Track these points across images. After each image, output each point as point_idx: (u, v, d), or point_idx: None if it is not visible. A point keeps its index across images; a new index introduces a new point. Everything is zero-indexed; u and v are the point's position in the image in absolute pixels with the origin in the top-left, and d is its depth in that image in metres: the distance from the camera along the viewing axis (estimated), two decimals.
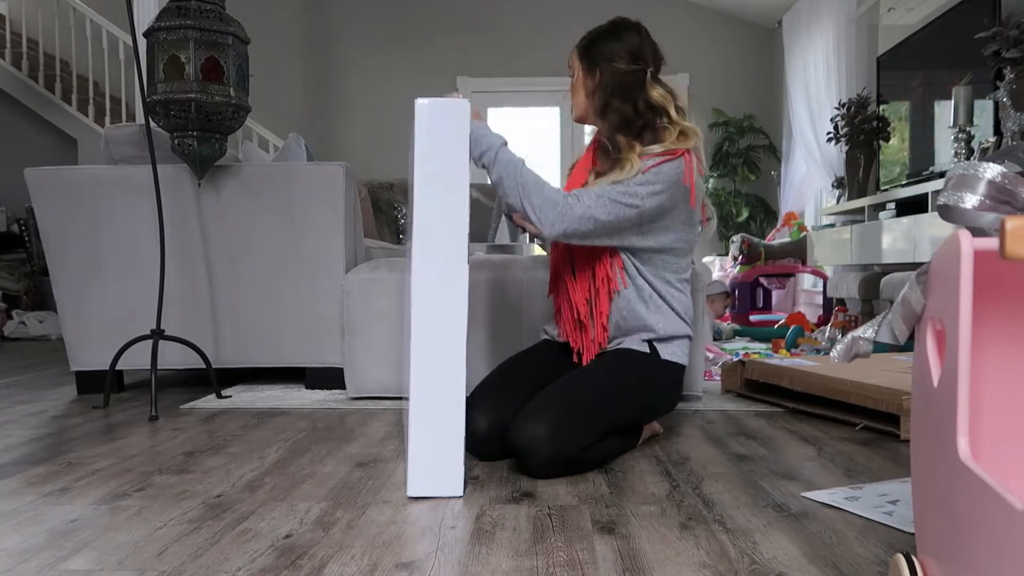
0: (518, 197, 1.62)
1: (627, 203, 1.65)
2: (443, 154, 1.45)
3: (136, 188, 2.54)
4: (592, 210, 1.63)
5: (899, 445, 1.83)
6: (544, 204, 1.61)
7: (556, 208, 1.61)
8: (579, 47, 1.82)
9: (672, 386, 1.81)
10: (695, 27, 6.52)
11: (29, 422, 2.15)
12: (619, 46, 1.76)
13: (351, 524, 1.29)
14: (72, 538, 1.22)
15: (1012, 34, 2.98)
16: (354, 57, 6.77)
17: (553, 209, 1.61)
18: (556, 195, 1.63)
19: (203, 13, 2.33)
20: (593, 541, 1.20)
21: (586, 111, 1.82)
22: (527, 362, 1.86)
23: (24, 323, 4.75)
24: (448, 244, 1.45)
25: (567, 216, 1.62)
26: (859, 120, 4.48)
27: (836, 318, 3.96)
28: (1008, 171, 0.84)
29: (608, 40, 1.77)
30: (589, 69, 1.78)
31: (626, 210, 1.65)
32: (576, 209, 1.62)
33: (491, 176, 1.64)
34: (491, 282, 2.38)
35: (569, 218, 1.62)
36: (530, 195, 1.61)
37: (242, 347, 2.62)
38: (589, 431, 1.58)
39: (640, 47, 1.76)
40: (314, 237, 2.57)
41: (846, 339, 1.05)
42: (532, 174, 1.64)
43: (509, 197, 1.64)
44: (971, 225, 0.84)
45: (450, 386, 1.45)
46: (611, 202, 1.64)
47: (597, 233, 1.67)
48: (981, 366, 0.90)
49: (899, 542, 1.20)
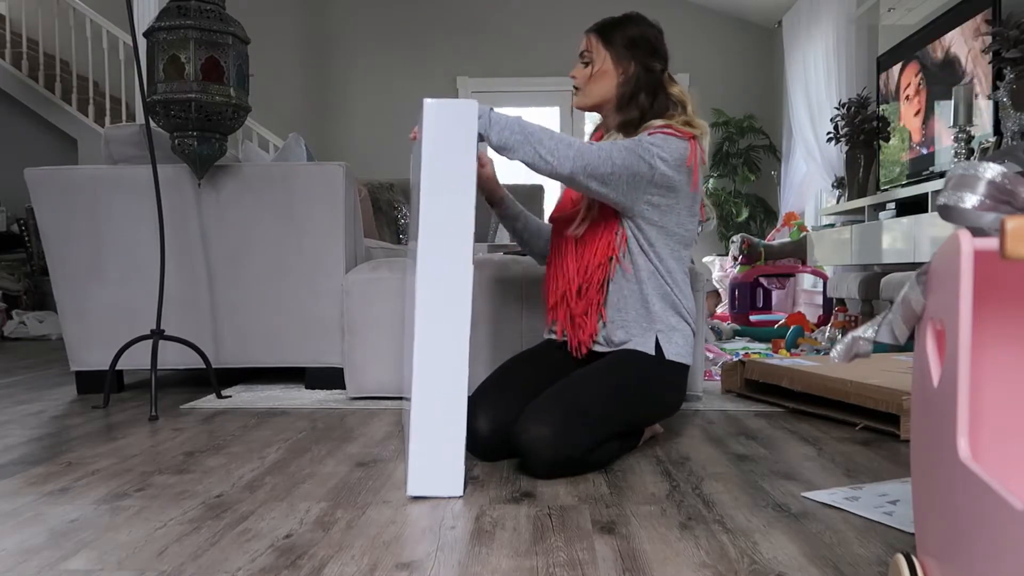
0: (528, 147, 1.57)
1: (641, 155, 1.63)
2: (450, 154, 1.45)
3: (136, 188, 2.54)
4: (609, 151, 1.61)
5: (899, 445, 1.83)
6: (558, 144, 1.58)
7: (571, 147, 1.59)
8: (600, 33, 1.78)
9: (676, 388, 1.79)
10: (695, 27, 6.52)
11: (29, 422, 2.16)
12: (644, 37, 1.77)
13: (351, 524, 1.29)
14: (72, 538, 1.22)
15: (1012, 34, 2.98)
16: (354, 57, 6.77)
17: (568, 147, 1.59)
18: (567, 136, 1.62)
19: (203, 13, 2.33)
20: (593, 541, 1.20)
21: (603, 100, 1.79)
22: (530, 362, 1.84)
23: (24, 323, 4.75)
24: (453, 244, 1.45)
25: (585, 153, 1.59)
26: (859, 120, 4.48)
27: (836, 318, 3.97)
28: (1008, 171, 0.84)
29: (638, 31, 1.77)
30: (620, 59, 1.76)
31: (640, 162, 1.63)
32: (592, 149, 1.60)
33: (490, 140, 1.57)
34: (491, 282, 2.38)
35: (587, 155, 1.59)
36: (540, 140, 1.57)
37: (242, 347, 2.62)
38: (593, 434, 1.57)
39: (661, 41, 1.80)
40: (314, 237, 2.57)
41: (846, 339, 1.05)
42: (534, 124, 1.60)
43: (516, 152, 1.58)
44: (971, 225, 0.84)
45: (452, 386, 1.44)
46: (625, 150, 1.63)
47: (616, 177, 1.62)
48: (981, 366, 0.90)
49: (899, 542, 1.20)
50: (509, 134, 1.57)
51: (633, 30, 1.78)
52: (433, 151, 1.45)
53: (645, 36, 1.78)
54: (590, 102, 1.81)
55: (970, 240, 0.78)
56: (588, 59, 1.80)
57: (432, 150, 1.45)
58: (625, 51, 1.76)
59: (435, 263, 1.45)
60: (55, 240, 2.58)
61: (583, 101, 1.82)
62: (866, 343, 1.01)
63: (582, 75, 1.80)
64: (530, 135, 1.58)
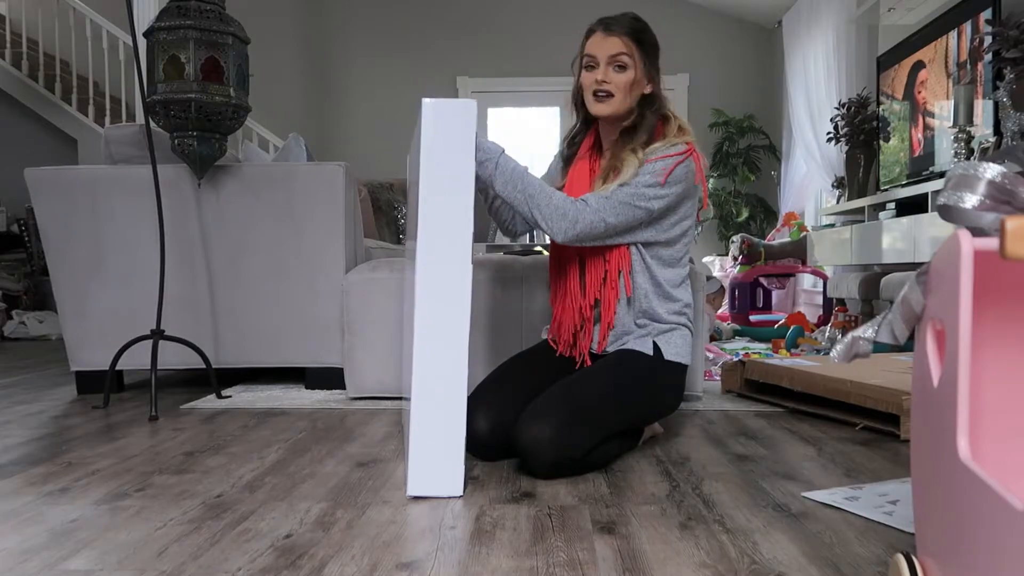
0: (526, 207, 1.62)
1: (636, 204, 1.65)
2: (449, 154, 1.45)
3: (136, 188, 2.54)
4: (601, 213, 1.63)
5: (899, 445, 1.83)
6: (553, 213, 1.61)
7: (566, 216, 1.61)
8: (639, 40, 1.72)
9: (675, 387, 1.79)
10: (695, 27, 6.52)
11: (29, 422, 2.16)
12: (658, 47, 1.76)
13: (351, 524, 1.29)
14: (72, 538, 1.22)
15: (1012, 34, 2.98)
16: (354, 57, 6.77)
17: (563, 218, 1.61)
18: (564, 202, 1.62)
19: (203, 13, 2.33)
20: (593, 541, 1.20)
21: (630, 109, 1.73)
22: (529, 362, 1.84)
23: (24, 323, 4.75)
24: (452, 244, 1.45)
25: (578, 223, 1.62)
26: (859, 120, 4.48)
27: (836, 318, 3.97)
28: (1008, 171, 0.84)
29: (655, 39, 1.76)
30: (648, 68, 1.73)
31: (635, 211, 1.65)
32: (586, 215, 1.62)
33: (494, 187, 1.62)
34: (491, 282, 2.38)
35: (581, 224, 1.62)
36: (539, 205, 1.61)
37: (242, 347, 2.62)
38: (593, 434, 1.58)
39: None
40: (314, 237, 2.57)
41: (846, 339, 1.05)
42: (537, 182, 1.63)
43: (516, 207, 1.63)
44: (971, 225, 0.84)
45: (451, 386, 1.45)
46: (620, 204, 1.64)
47: (609, 234, 1.67)
48: (981, 366, 0.90)
49: (899, 542, 1.20)
50: (512, 189, 1.61)
51: (655, 39, 1.76)
52: (432, 151, 1.45)
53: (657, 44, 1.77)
54: (624, 109, 1.72)
55: (970, 240, 0.78)
56: (624, 63, 1.70)
57: (431, 150, 1.45)
58: (653, 62, 1.74)
59: (434, 263, 1.45)
60: (55, 240, 2.58)
61: (616, 108, 1.71)
62: (866, 343, 1.02)
63: (618, 81, 1.70)
64: (531, 197, 1.61)
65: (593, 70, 1.73)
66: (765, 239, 5.78)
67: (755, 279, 5.23)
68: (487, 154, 1.61)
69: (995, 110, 3.21)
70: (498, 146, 1.63)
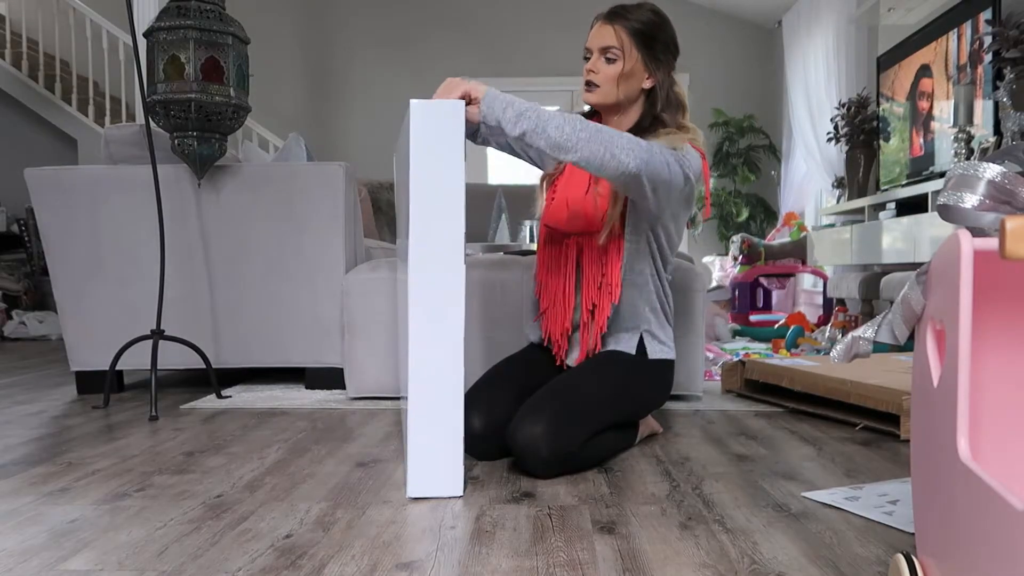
0: (599, 146, 1.48)
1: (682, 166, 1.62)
2: (438, 155, 1.45)
3: (136, 188, 2.54)
4: (664, 157, 1.57)
5: (899, 445, 1.83)
6: (628, 143, 1.51)
7: (640, 145, 1.53)
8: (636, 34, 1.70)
9: (663, 380, 1.82)
10: (695, 27, 6.51)
11: (29, 422, 2.15)
12: (673, 40, 1.73)
13: (351, 524, 1.29)
14: (72, 538, 1.22)
15: (1012, 34, 2.98)
16: (354, 57, 6.76)
17: (638, 145, 1.52)
18: (613, 132, 1.52)
19: (203, 13, 2.33)
20: (593, 541, 1.20)
21: (625, 101, 1.73)
22: (519, 364, 1.86)
23: (24, 323, 4.75)
24: (445, 244, 1.45)
25: (652, 152, 1.54)
26: (859, 120, 4.48)
27: (836, 318, 3.96)
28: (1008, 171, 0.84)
29: (663, 32, 1.72)
30: (651, 61, 1.71)
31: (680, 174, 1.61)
32: (654, 150, 1.55)
33: (539, 139, 1.49)
34: (490, 282, 2.38)
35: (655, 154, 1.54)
36: (612, 139, 1.49)
37: (242, 347, 2.62)
38: (585, 427, 1.59)
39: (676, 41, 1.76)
40: (314, 237, 2.57)
41: (846, 339, 1.05)
42: (589, 123, 1.51)
43: (578, 151, 1.49)
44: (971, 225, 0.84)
45: (448, 386, 1.45)
46: (672, 157, 1.59)
47: (665, 180, 1.58)
48: (981, 366, 0.90)
49: (899, 542, 1.20)
50: (570, 132, 1.48)
51: (663, 33, 1.73)
52: (422, 152, 1.45)
53: (673, 39, 1.74)
54: (609, 100, 1.73)
55: (970, 240, 0.78)
56: (615, 56, 1.70)
57: (421, 151, 1.45)
58: (657, 56, 1.72)
59: (427, 264, 1.45)
60: (55, 240, 2.58)
61: (602, 98, 1.73)
62: (866, 343, 1.02)
63: (606, 72, 1.70)
64: (597, 132, 1.49)
65: (587, 60, 1.75)
66: (765, 239, 5.78)
67: (755, 279, 5.23)
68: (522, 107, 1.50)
69: (995, 110, 3.21)
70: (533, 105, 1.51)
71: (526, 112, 1.50)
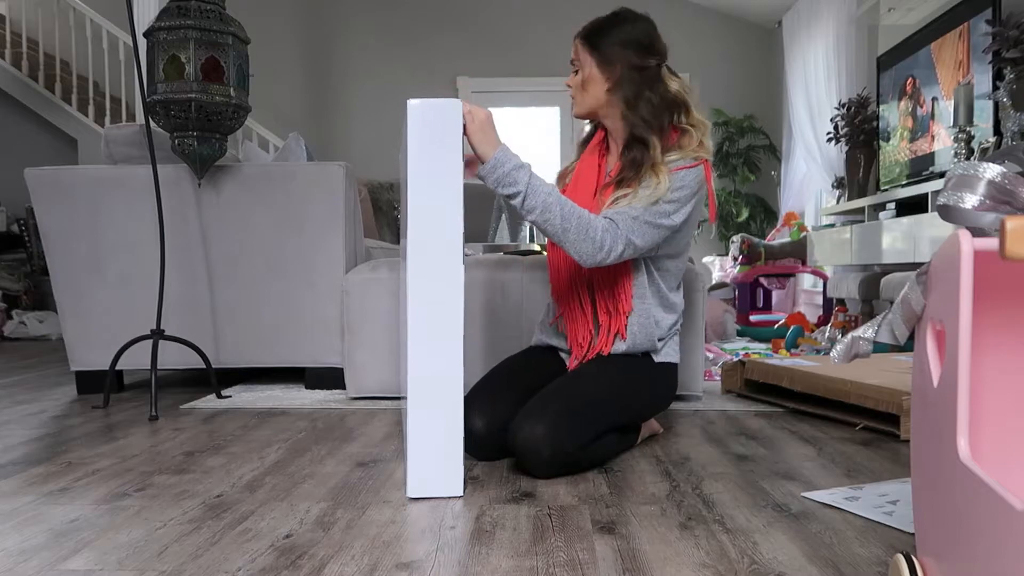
0: (558, 231, 1.57)
1: (660, 224, 1.64)
2: (436, 154, 1.45)
3: (136, 188, 2.54)
4: (631, 236, 1.61)
5: (899, 445, 1.83)
6: (583, 241, 1.57)
7: (594, 243, 1.58)
8: (585, 38, 1.73)
9: (667, 384, 1.82)
10: (695, 27, 6.51)
11: (29, 422, 2.15)
12: (632, 37, 1.71)
13: (351, 524, 1.29)
14: (72, 538, 1.22)
15: (1012, 34, 2.98)
16: (354, 57, 6.76)
17: (591, 245, 1.58)
18: (595, 231, 1.58)
19: (203, 13, 2.33)
20: (593, 541, 1.20)
21: (596, 107, 1.75)
22: (521, 364, 1.86)
23: (24, 323, 4.75)
24: (443, 244, 1.45)
25: (611, 252, 1.60)
26: (859, 120, 4.48)
27: (836, 318, 3.96)
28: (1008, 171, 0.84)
29: (619, 30, 1.71)
30: (604, 63, 1.71)
31: (661, 232, 1.65)
32: (618, 244, 1.60)
33: (522, 207, 1.56)
34: (491, 282, 2.38)
35: (612, 253, 1.60)
36: (568, 231, 1.57)
37: (242, 347, 2.62)
38: (587, 429, 1.59)
39: (653, 37, 1.73)
40: (314, 237, 2.57)
41: (846, 339, 1.05)
42: (570, 206, 1.57)
43: (547, 229, 1.58)
44: (971, 225, 0.84)
45: (448, 386, 1.45)
46: (646, 225, 1.62)
47: (632, 256, 1.67)
48: (981, 366, 0.90)
49: (899, 542, 1.20)
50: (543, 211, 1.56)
51: (618, 32, 1.71)
52: (419, 152, 1.45)
53: (632, 36, 1.71)
54: (583, 110, 1.79)
55: (970, 240, 0.78)
56: (576, 66, 1.76)
57: (418, 151, 1.45)
58: (610, 55, 1.70)
59: (426, 263, 1.45)
60: (55, 240, 2.58)
61: (577, 110, 1.80)
62: (866, 343, 1.02)
63: (574, 83, 1.76)
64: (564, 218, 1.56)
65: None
66: (765, 239, 5.78)
67: (755, 279, 5.23)
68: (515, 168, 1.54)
69: (995, 110, 3.21)
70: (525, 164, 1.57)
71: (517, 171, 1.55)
